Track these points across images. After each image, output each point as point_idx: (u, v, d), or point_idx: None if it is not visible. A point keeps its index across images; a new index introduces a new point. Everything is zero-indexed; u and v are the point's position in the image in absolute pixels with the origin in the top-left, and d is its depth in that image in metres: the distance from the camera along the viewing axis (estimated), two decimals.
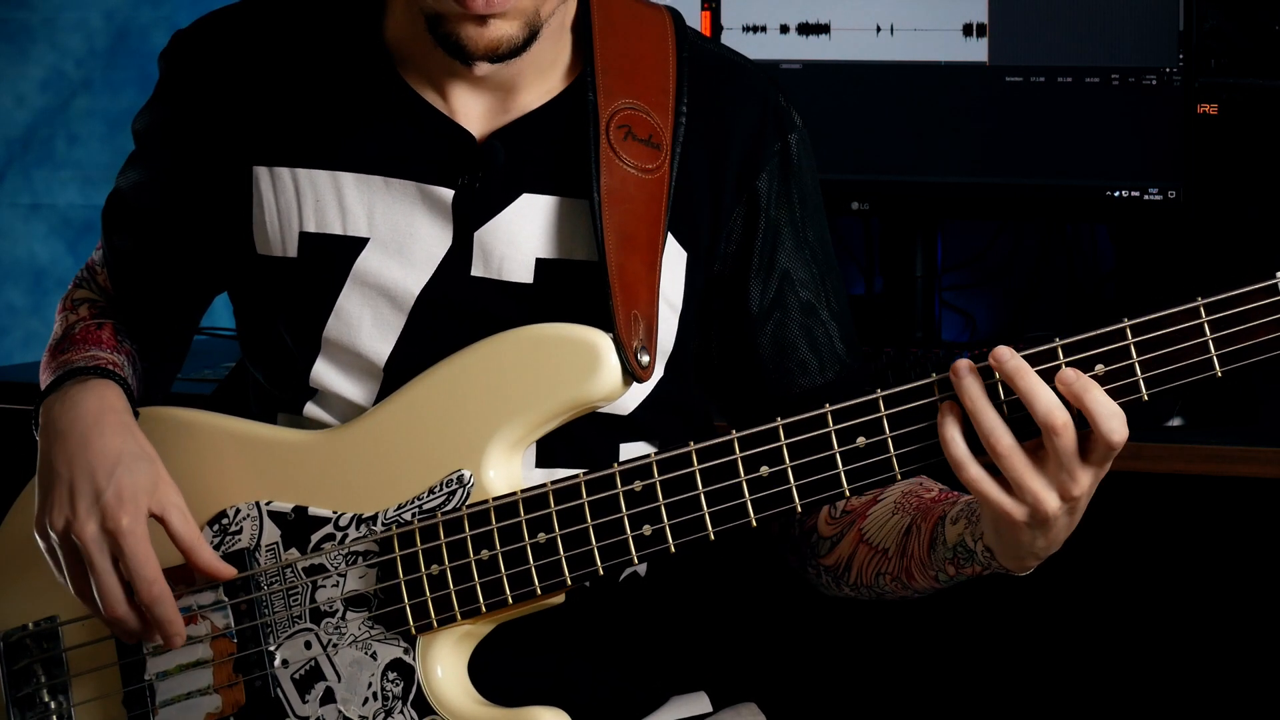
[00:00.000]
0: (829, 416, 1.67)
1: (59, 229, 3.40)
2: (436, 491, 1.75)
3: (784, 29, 2.70)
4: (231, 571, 1.78)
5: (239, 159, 1.85)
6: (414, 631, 1.74)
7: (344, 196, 1.82)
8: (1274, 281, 1.57)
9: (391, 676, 1.75)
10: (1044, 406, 1.59)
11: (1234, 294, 1.58)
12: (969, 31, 2.63)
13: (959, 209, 2.69)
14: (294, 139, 1.84)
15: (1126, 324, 1.60)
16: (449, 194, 1.80)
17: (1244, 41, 2.62)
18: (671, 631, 1.91)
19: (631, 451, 1.84)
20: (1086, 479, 1.60)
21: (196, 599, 1.79)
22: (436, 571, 1.74)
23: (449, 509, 1.74)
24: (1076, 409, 1.58)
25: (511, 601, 1.73)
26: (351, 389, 1.83)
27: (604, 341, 1.73)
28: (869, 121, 2.67)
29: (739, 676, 1.97)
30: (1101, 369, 1.60)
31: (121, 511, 1.73)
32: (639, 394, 1.82)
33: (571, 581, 1.72)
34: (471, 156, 1.80)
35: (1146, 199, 2.59)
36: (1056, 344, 1.61)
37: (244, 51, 1.86)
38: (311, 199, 1.83)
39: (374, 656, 1.75)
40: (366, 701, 1.75)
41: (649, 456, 1.70)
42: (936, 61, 2.64)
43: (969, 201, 2.67)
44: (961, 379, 1.62)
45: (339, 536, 1.77)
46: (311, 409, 1.85)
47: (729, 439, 1.69)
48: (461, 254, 1.81)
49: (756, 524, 1.69)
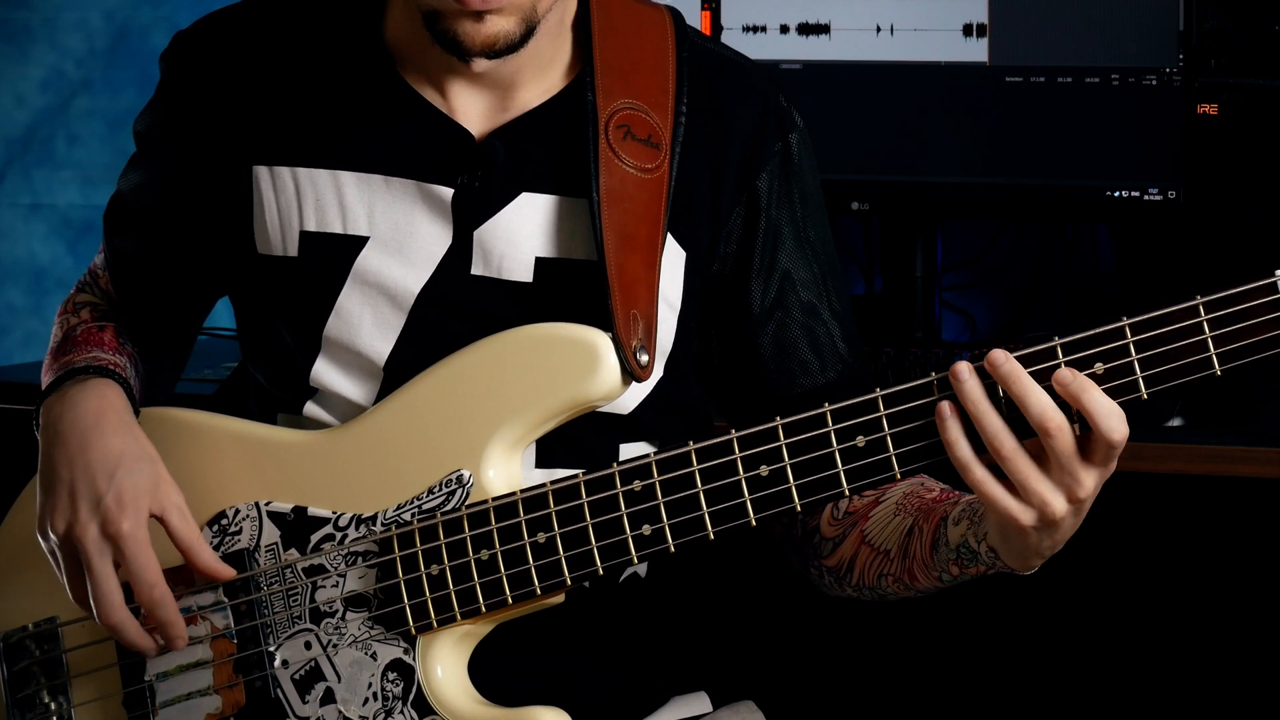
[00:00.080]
0: (828, 416, 1.66)
1: (59, 229, 3.40)
2: (436, 491, 1.75)
3: (784, 29, 2.70)
4: (231, 573, 1.78)
5: (239, 158, 1.86)
6: (414, 631, 1.74)
7: (344, 195, 1.82)
8: (1273, 280, 1.57)
9: (391, 677, 1.75)
10: (1037, 410, 1.59)
11: (1233, 293, 1.57)
12: (969, 31, 2.63)
13: (959, 209, 2.69)
14: (294, 138, 1.84)
15: (1125, 323, 1.60)
16: (449, 193, 1.81)
17: (1244, 41, 2.62)
18: (672, 632, 1.91)
19: (631, 452, 1.84)
20: (1090, 480, 1.60)
21: (196, 600, 1.79)
22: (436, 571, 1.74)
23: (448, 509, 1.74)
24: (1075, 409, 1.58)
25: (511, 601, 1.73)
26: (351, 388, 1.83)
27: (603, 341, 1.73)
28: (869, 121, 2.67)
29: (739, 676, 1.97)
30: (1101, 368, 1.60)
31: (122, 516, 1.73)
32: (639, 393, 1.82)
33: (571, 581, 1.72)
34: (471, 155, 1.81)
35: (1146, 199, 2.59)
36: (1055, 343, 1.61)
37: (244, 51, 1.87)
38: (312, 198, 1.83)
39: (374, 657, 1.75)
40: (367, 702, 1.75)
41: (648, 456, 1.70)
42: (936, 61, 2.64)
43: (969, 201, 2.67)
44: (963, 382, 1.62)
45: (338, 537, 1.77)
46: (311, 408, 1.85)
47: (728, 438, 1.69)
48: (461, 253, 1.81)
49: (756, 524, 1.68)
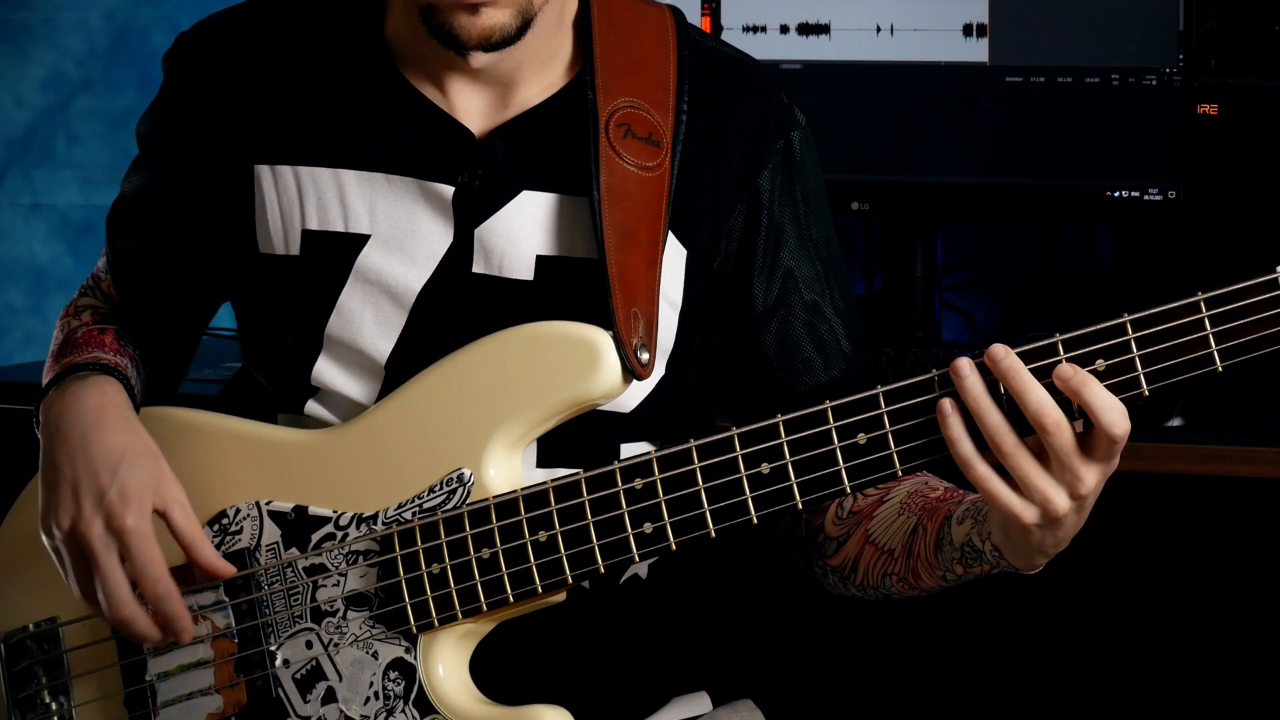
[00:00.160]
0: (829, 413, 1.66)
1: (59, 229, 3.40)
2: (437, 490, 1.75)
3: (784, 29, 2.70)
4: (232, 570, 1.78)
5: (241, 158, 1.86)
6: (415, 630, 1.74)
7: (346, 194, 1.82)
8: (1274, 276, 1.57)
9: (393, 675, 1.75)
10: (1034, 405, 1.59)
11: (1234, 289, 1.58)
12: (969, 31, 2.63)
13: (959, 209, 2.69)
14: (296, 137, 1.84)
15: (1127, 319, 1.60)
16: (449, 191, 1.81)
17: (1244, 41, 2.62)
18: (673, 632, 1.91)
19: (632, 451, 1.84)
20: (1092, 476, 1.60)
21: (197, 599, 1.79)
22: (437, 570, 1.74)
23: (449, 507, 1.74)
24: (1077, 405, 1.58)
25: (513, 600, 1.73)
26: (353, 387, 1.83)
27: (603, 339, 1.73)
28: (869, 121, 2.67)
29: (740, 677, 1.97)
30: (1102, 364, 1.60)
31: (126, 510, 1.74)
32: (640, 392, 1.82)
33: (572, 580, 1.72)
34: (471, 153, 1.81)
35: (1146, 199, 2.59)
36: (1057, 339, 1.61)
37: (246, 51, 1.87)
38: (314, 197, 1.83)
39: (375, 656, 1.75)
40: (368, 701, 1.75)
41: (649, 454, 1.70)
42: (936, 61, 2.64)
43: (969, 201, 2.67)
44: (964, 378, 1.62)
45: (339, 536, 1.77)
46: (313, 407, 1.85)
47: (729, 435, 1.69)
48: (462, 251, 1.81)
49: (757, 521, 1.68)
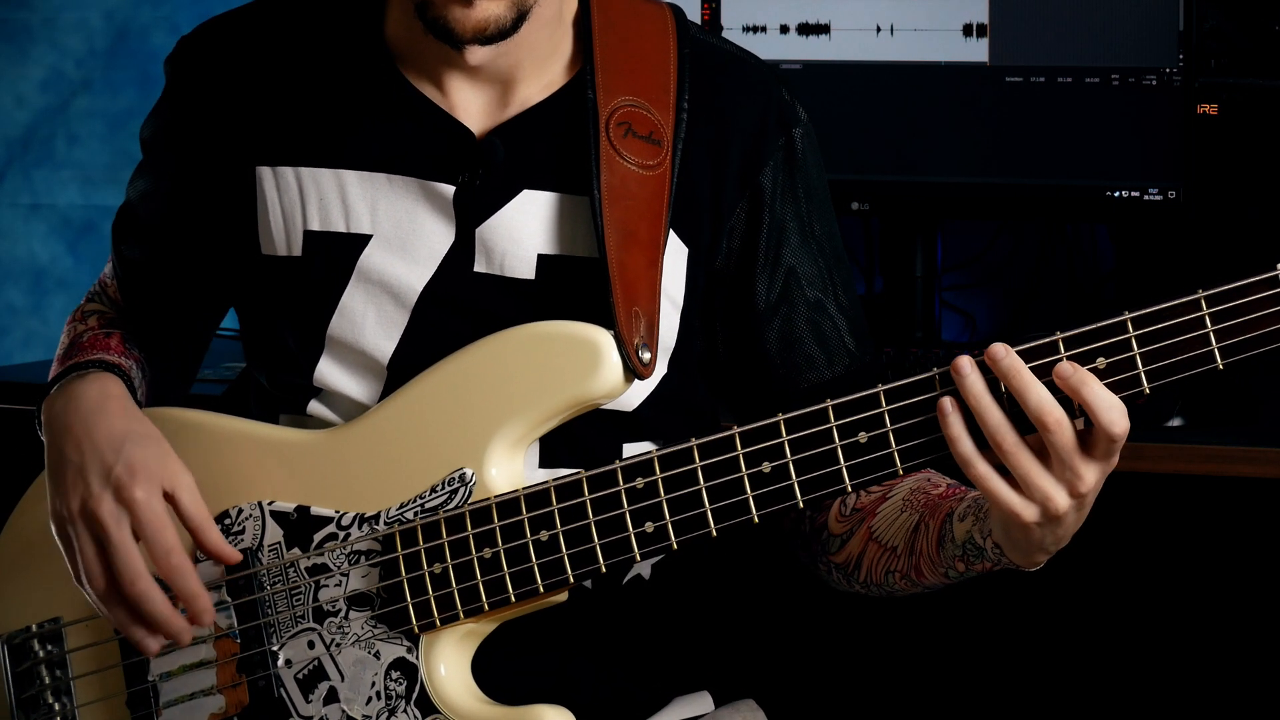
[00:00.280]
0: (830, 412, 1.66)
1: (59, 229, 3.40)
2: (439, 490, 1.75)
3: (784, 29, 2.70)
4: (237, 555, 1.78)
5: (243, 160, 1.86)
6: (417, 630, 1.74)
7: (347, 194, 1.82)
8: (1274, 273, 1.57)
9: (395, 675, 1.75)
10: (1035, 404, 1.59)
11: (1234, 286, 1.58)
12: (969, 31, 2.63)
13: (959, 209, 2.69)
14: (297, 138, 1.84)
15: (1127, 316, 1.60)
16: (450, 190, 1.81)
17: (1244, 41, 2.62)
18: (675, 632, 1.91)
19: (635, 451, 1.84)
20: (1092, 475, 1.60)
21: None
22: (439, 570, 1.74)
23: (451, 507, 1.74)
24: (1077, 403, 1.59)
25: (514, 600, 1.73)
26: (355, 387, 1.83)
27: (605, 339, 1.73)
28: (869, 121, 2.67)
29: (742, 677, 1.97)
30: (1103, 362, 1.60)
31: (134, 484, 1.74)
32: (642, 391, 1.82)
33: (574, 579, 1.72)
34: (471, 153, 1.81)
35: (1146, 199, 2.59)
36: (1057, 338, 1.61)
37: (247, 53, 1.87)
38: (315, 197, 1.83)
39: (377, 655, 1.75)
40: (370, 701, 1.75)
41: (651, 453, 1.70)
42: (936, 61, 2.64)
43: (969, 201, 2.67)
44: (964, 377, 1.62)
45: (341, 536, 1.77)
46: (315, 407, 1.85)
47: (730, 434, 1.69)
48: (464, 250, 1.81)
49: (759, 520, 1.69)
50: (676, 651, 1.91)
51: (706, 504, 1.69)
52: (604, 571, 1.71)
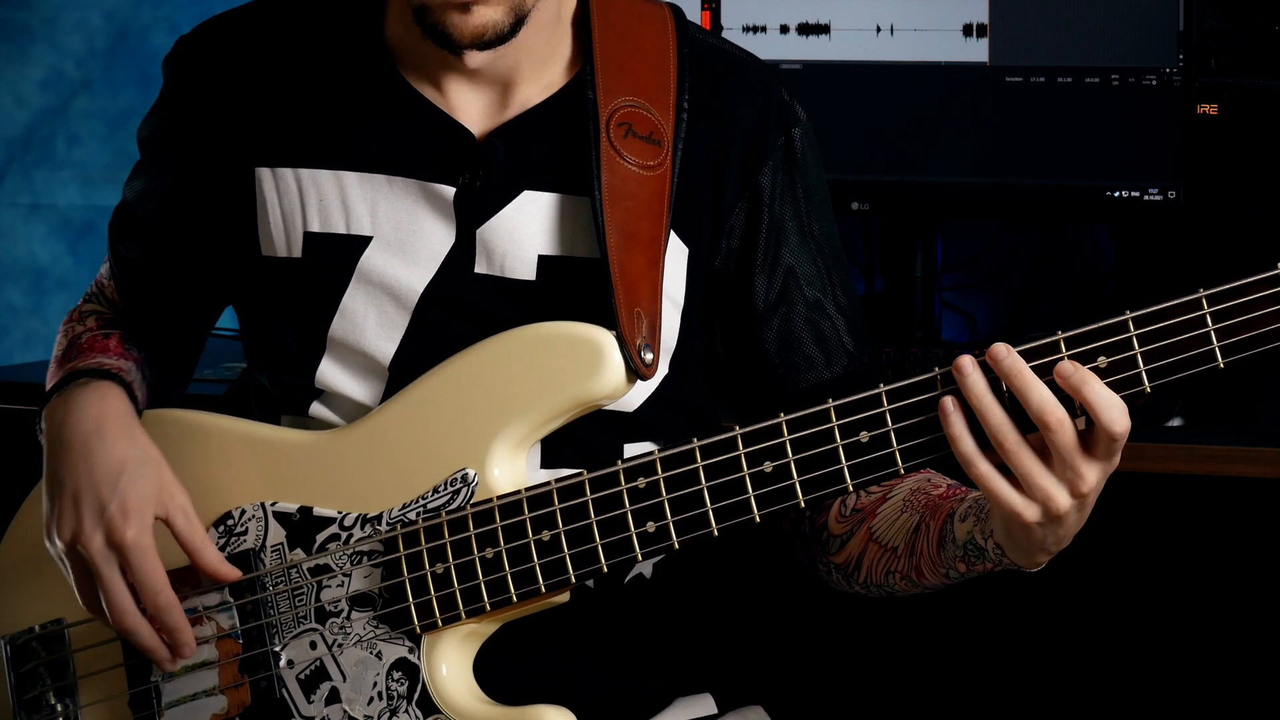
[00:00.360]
0: (832, 412, 1.67)
1: (59, 229, 3.40)
2: (441, 490, 1.75)
3: (784, 29, 2.70)
4: (236, 573, 1.78)
5: (242, 161, 1.86)
6: (419, 630, 1.74)
7: (347, 196, 1.82)
8: (1275, 272, 1.57)
9: (396, 676, 1.75)
10: (1037, 404, 1.59)
11: (1235, 285, 1.58)
12: (969, 31, 2.63)
13: (959, 209, 2.69)
14: (297, 139, 1.84)
15: (1129, 316, 1.60)
16: (450, 192, 1.81)
17: (1244, 41, 2.62)
18: (677, 633, 1.91)
19: (636, 451, 1.84)
20: (1093, 474, 1.60)
21: (202, 600, 1.80)
22: (441, 570, 1.74)
23: (453, 508, 1.74)
24: (1078, 402, 1.59)
25: (516, 600, 1.73)
26: (357, 389, 1.83)
27: (607, 339, 1.73)
28: (869, 121, 2.67)
29: (744, 678, 1.97)
30: (1104, 361, 1.60)
31: (127, 525, 1.74)
32: (644, 392, 1.82)
33: (575, 579, 1.72)
34: (471, 154, 1.81)
35: (1146, 199, 2.59)
36: (1059, 336, 1.61)
37: (246, 54, 1.87)
38: (315, 199, 1.83)
39: (379, 656, 1.75)
40: (372, 701, 1.75)
41: (652, 453, 1.70)
42: (936, 61, 2.64)
43: (969, 201, 2.67)
44: (966, 376, 1.62)
45: (344, 536, 1.77)
46: (317, 409, 1.85)
47: (732, 435, 1.69)
48: (464, 251, 1.81)
49: (760, 520, 1.69)
50: (678, 652, 1.91)
51: (708, 504, 1.69)
52: (605, 571, 1.71)
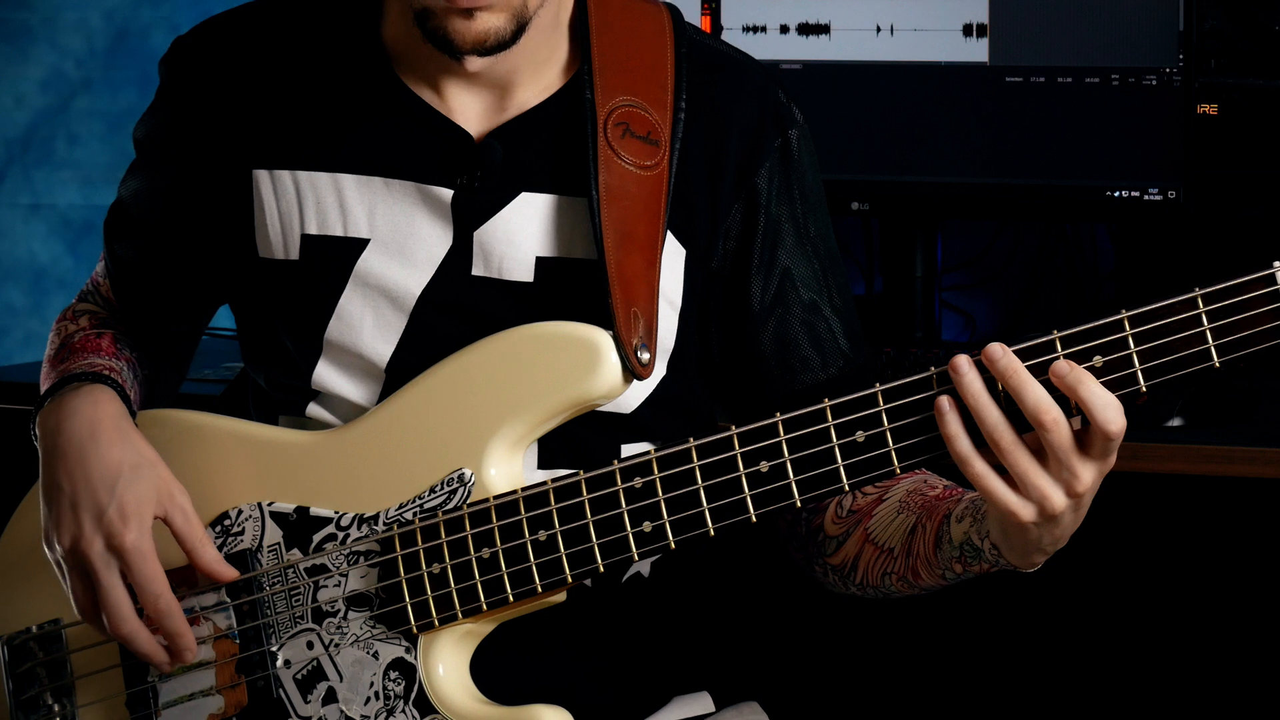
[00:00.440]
0: (828, 411, 1.66)
1: (59, 229, 3.40)
2: (438, 490, 1.75)
3: (784, 29, 2.70)
4: (234, 573, 1.78)
5: (239, 163, 1.86)
6: (415, 630, 1.74)
7: (344, 198, 1.82)
8: (1271, 271, 1.57)
9: (393, 676, 1.75)
10: (1032, 403, 1.59)
11: (1231, 284, 1.57)
12: (969, 31, 2.63)
13: (959, 209, 2.69)
14: (294, 141, 1.84)
15: (1124, 315, 1.60)
16: (448, 194, 1.81)
17: (1244, 41, 2.62)
18: (674, 631, 1.91)
19: (633, 452, 1.83)
20: (1089, 474, 1.60)
21: (199, 600, 1.80)
22: (438, 570, 1.74)
23: (450, 508, 1.74)
24: (1073, 402, 1.59)
25: (513, 599, 1.73)
26: (354, 390, 1.83)
27: (604, 339, 1.73)
28: (869, 121, 2.67)
29: (742, 677, 1.97)
30: (1099, 361, 1.60)
31: (126, 529, 1.74)
32: (641, 392, 1.82)
33: (572, 579, 1.72)
34: (469, 156, 1.81)
35: (1146, 199, 2.59)
36: (1054, 336, 1.61)
37: (243, 55, 1.87)
38: (312, 201, 1.83)
39: (376, 656, 1.75)
40: (368, 701, 1.75)
41: (649, 453, 1.70)
42: (936, 61, 2.64)
43: (969, 201, 2.67)
44: (962, 375, 1.62)
45: (340, 536, 1.77)
46: (314, 410, 1.85)
47: (728, 434, 1.69)
48: (462, 254, 1.81)
49: (756, 520, 1.69)
50: (676, 651, 1.91)
51: (704, 504, 1.69)
52: (602, 571, 1.71)
